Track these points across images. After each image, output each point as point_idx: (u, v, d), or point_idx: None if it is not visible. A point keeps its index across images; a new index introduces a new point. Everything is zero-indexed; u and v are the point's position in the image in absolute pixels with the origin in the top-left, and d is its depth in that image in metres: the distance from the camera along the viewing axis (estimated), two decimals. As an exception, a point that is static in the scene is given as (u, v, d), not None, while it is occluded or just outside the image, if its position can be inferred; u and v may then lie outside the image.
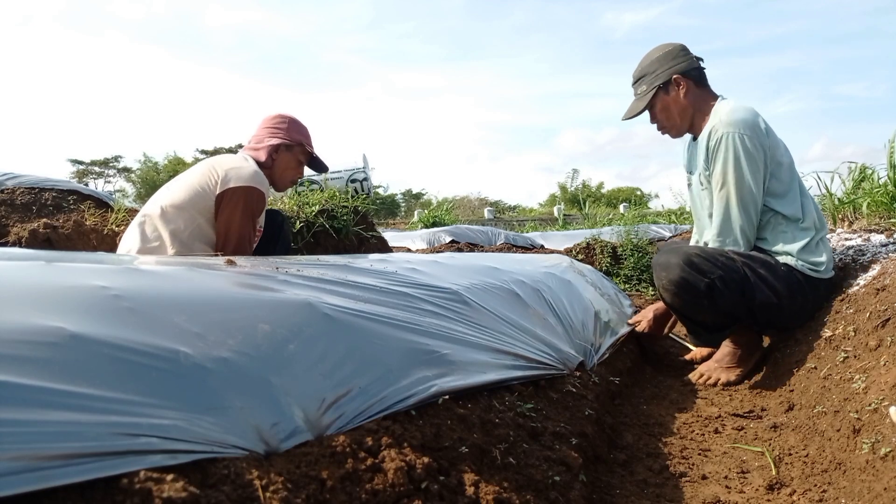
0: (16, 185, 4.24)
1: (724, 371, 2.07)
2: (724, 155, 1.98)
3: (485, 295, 1.48)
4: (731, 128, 1.98)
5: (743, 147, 1.96)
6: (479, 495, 0.84)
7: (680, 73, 2.12)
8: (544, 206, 25.57)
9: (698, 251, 1.97)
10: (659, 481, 1.28)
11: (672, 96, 2.14)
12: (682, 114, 2.15)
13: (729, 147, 1.97)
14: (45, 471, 0.49)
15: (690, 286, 1.92)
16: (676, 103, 2.14)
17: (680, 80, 2.12)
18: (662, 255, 2.04)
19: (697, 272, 1.91)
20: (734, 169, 1.97)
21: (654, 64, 2.17)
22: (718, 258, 1.93)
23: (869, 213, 3.10)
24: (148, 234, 2.18)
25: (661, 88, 2.14)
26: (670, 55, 2.15)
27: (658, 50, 2.19)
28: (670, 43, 2.20)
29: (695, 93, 2.14)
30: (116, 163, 33.80)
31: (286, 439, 0.71)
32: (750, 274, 1.93)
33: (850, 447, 1.24)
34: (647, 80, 2.17)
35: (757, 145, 1.97)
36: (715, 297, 1.91)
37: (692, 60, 2.16)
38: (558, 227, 10.98)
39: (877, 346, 1.49)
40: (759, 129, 1.99)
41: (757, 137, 1.97)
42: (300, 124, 2.52)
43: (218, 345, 0.75)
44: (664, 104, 2.16)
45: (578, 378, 1.49)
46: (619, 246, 4.19)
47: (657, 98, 2.16)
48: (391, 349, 0.99)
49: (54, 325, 0.63)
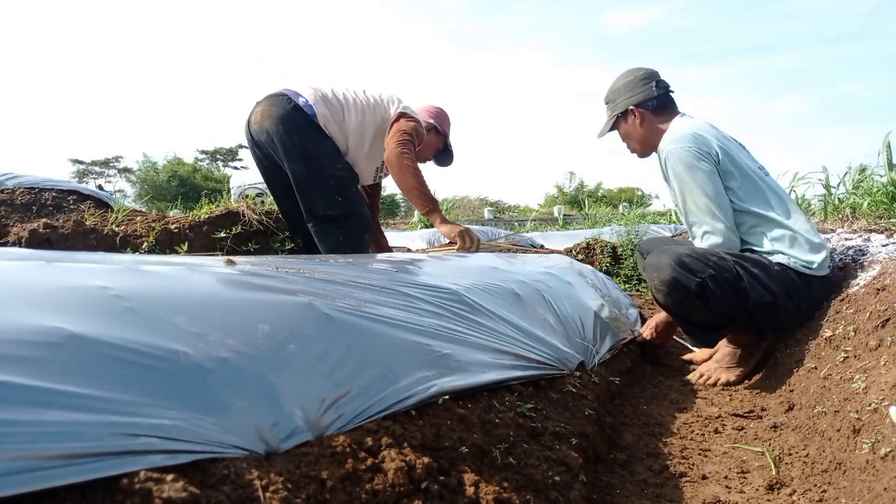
0: (16, 185, 4.25)
1: (724, 371, 2.07)
2: (674, 171, 2.09)
3: (485, 295, 1.48)
4: (672, 145, 2.09)
5: (687, 158, 2.04)
6: (479, 495, 0.84)
7: (635, 104, 2.25)
8: (543, 206, 25.57)
9: (689, 251, 1.98)
10: (659, 481, 1.28)
11: (630, 124, 2.29)
12: (640, 140, 2.30)
13: (677, 163, 2.07)
14: (45, 471, 0.49)
15: (681, 286, 1.93)
16: (634, 131, 2.29)
17: (635, 111, 2.26)
18: (654, 256, 2.06)
19: (688, 272, 1.92)
20: (685, 181, 2.06)
21: (615, 93, 2.32)
22: (710, 258, 1.95)
23: (869, 212, 3.10)
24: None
25: (621, 117, 2.30)
26: (630, 85, 2.28)
27: (622, 77, 2.33)
28: (637, 69, 2.32)
29: (651, 120, 2.25)
30: (116, 163, 33.82)
31: (286, 439, 0.71)
32: (742, 273, 1.93)
33: (850, 447, 1.24)
34: (610, 107, 2.35)
35: (700, 153, 2.04)
36: (706, 296, 1.92)
37: (651, 90, 2.25)
38: (558, 227, 10.96)
39: (877, 346, 1.49)
40: (700, 138, 2.06)
41: (696, 146, 2.05)
42: (449, 120, 2.98)
43: (218, 345, 0.75)
44: (624, 131, 2.33)
45: (578, 378, 1.49)
46: (620, 246, 4.19)
47: (618, 124, 2.32)
48: (391, 349, 0.99)
49: (54, 325, 0.63)
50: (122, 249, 3.29)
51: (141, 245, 3.39)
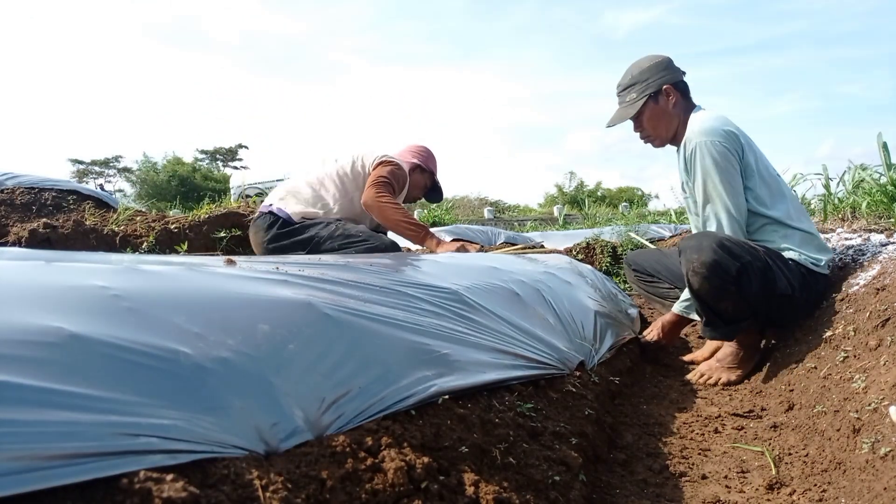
0: (16, 185, 4.25)
1: (724, 371, 2.07)
2: (701, 164, 2.07)
3: (485, 295, 1.48)
4: (703, 136, 2.06)
5: (716, 152, 2.03)
6: (479, 495, 0.84)
7: (670, 83, 2.21)
8: (544, 206, 25.53)
9: (727, 236, 1.99)
10: (659, 481, 1.28)
11: (661, 105, 2.22)
12: (668, 124, 2.24)
13: (704, 155, 2.05)
14: (45, 471, 0.49)
15: (722, 269, 1.91)
16: (665, 113, 2.23)
17: (670, 91, 2.21)
18: (693, 239, 2.05)
19: (730, 255, 1.91)
20: (711, 176, 2.05)
21: (644, 73, 2.24)
22: (744, 244, 1.97)
23: (868, 212, 3.10)
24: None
25: (651, 98, 2.22)
26: (661, 65, 2.24)
27: (648, 60, 2.27)
28: (658, 55, 2.29)
29: (681, 104, 2.22)
30: (116, 163, 33.81)
31: (286, 439, 0.71)
32: (771, 263, 1.96)
33: (850, 447, 1.24)
34: (637, 88, 2.24)
35: (728, 149, 2.04)
36: (742, 282, 1.92)
37: (679, 72, 2.25)
38: (558, 227, 10.96)
39: (877, 346, 1.49)
40: (730, 134, 2.06)
41: (728, 142, 2.05)
42: (434, 158, 3.10)
43: (218, 345, 0.75)
44: (653, 113, 2.24)
45: (578, 378, 1.49)
46: (620, 246, 4.19)
47: (646, 107, 2.23)
48: (391, 349, 0.99)
49: (54, 325, 0.63)
50: (122, 249, 3.29)
51: (141, 245, 3.39)
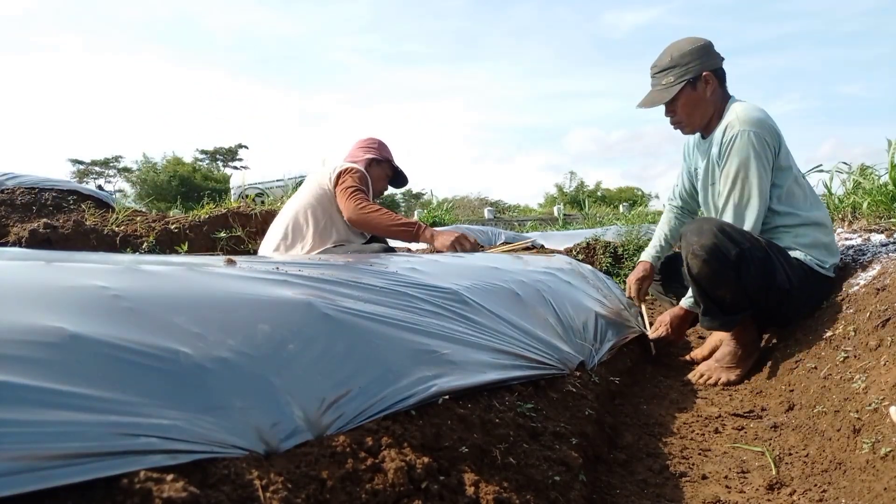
0: (16, 185, 4.25)
1: (724, 371, 2.07)
2: (740, 151, 2.03)
3: (485, 295, 1.48)
4: (748, 126, 2.03)
5: (758, 144, 2.02)
6: (479, 495, 0.84)
7: (710, 69, 2.12)
8: (544, 206, 25.53)
9: (729, 224, 2.00)
10: (659, 481, 1.28)
11: (699, 92, 2.14)
12: (703, 111, 2.17)
13: (747, 144, 2.02)
14: (45, 471, 0.49)
15: (721, 254, 1.92)
16: (702, 100, 2.14)
17: (709, 77, 2.12)
18: (695, 223, 2.05)
19: (729, 240, 1.92)
20: (747, 165, 2.03)
21: (685, 56, 2.13)
22: (745, 233, 1.99)
23: (869, 212, 3.10)
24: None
25: (690, 83, 2.12)
26: (703, 50, 2.13)
27: (689, 42, 2.16)
28: (700, 38, 2.18)
29: (718, 92, 2.15)
30: (116, 163, 33.78)
31: (286, 439, 0.71)
32: (772, 254, 1.97)
33: (850, 447, 1.24)
34: (676, 71, 2.13)
35: (768, 144, 2.04)
36: (741, 269, 1.93)
37: (719, 58, 2.16)
38: (558, 227, 10.97)
39: (877, 346, 1.49)
40: (773, 130, 2.06)
41: (770, 136, 2.04)
42: (387, 145, 3.03)
43: (218, 345, 0.75)
44: (689, 99, 2.15)
45: (578, 378, 1.49)
46: (620, 246, 4.19)
47: (683, 92, 2.13)
48: (391, 349, 0.99)
49: (54, 325, 0.63)
50: (122, 249, 3.29)
51: (141, 245, 3.39)
